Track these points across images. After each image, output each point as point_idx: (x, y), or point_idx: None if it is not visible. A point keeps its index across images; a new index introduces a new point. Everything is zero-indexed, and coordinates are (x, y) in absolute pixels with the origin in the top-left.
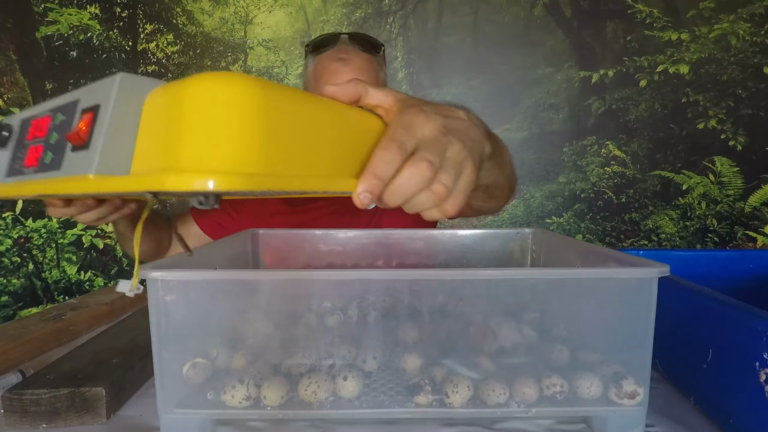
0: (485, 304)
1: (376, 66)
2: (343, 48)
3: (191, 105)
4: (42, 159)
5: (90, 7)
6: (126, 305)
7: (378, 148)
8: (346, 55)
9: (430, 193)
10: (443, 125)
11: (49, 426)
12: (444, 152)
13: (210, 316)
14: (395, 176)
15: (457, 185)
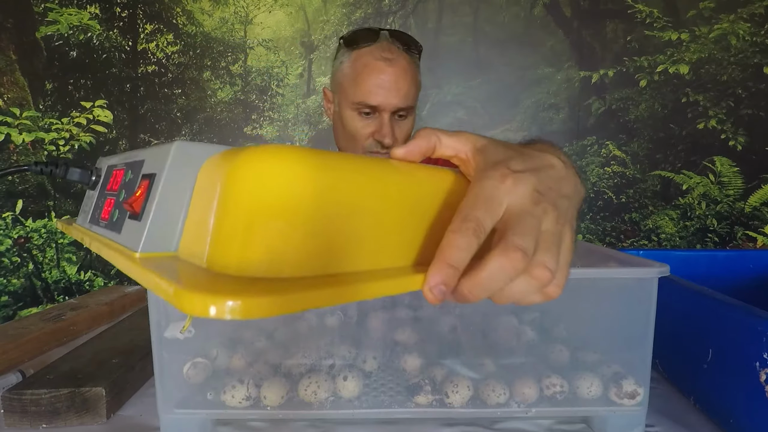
0: (485, 304)
1: (416, 68)
2: (386, 46)
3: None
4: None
5: (90, 7)
6: (126, 305)
7: (451, 229)
8: (390, 54)
9: (529, 279)
10: (535, 189)
11: (49, 426)
12: (539, 227)
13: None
14: (480, 268)
15: (559, 262)
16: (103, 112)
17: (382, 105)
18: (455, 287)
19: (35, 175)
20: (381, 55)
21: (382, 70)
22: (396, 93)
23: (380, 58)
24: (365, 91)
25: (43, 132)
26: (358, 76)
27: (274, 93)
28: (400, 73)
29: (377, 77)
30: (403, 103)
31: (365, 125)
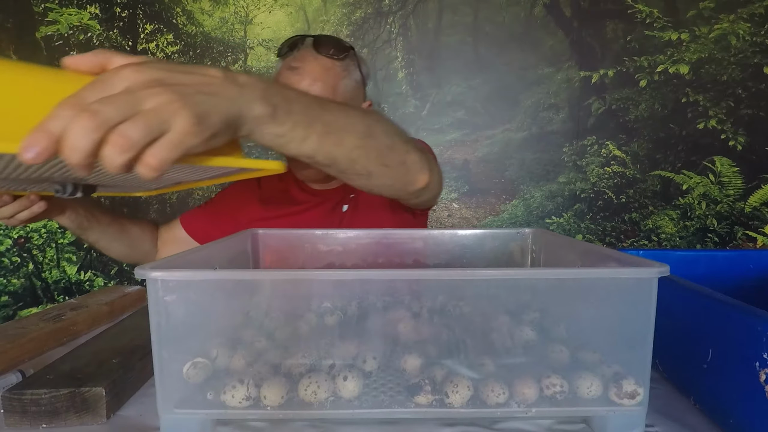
0: (485, 304)
1: (338, 72)
2: (299, 55)
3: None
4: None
5: (90, 7)
6: (126, 305)
7: (57, 104)
8: (300, 63)
9: (110, 145)
10: (155, 78)
11: (49, 426)
12: (137, 104)
13: (210, 316)
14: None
15: (162, 138)
16: None
17: None
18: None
19: None
20: (290, 64)
21: (288, 80)
22: None
23: (288, 68)
24: None
25: None
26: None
27: None
28: (308, 81)
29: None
30: None
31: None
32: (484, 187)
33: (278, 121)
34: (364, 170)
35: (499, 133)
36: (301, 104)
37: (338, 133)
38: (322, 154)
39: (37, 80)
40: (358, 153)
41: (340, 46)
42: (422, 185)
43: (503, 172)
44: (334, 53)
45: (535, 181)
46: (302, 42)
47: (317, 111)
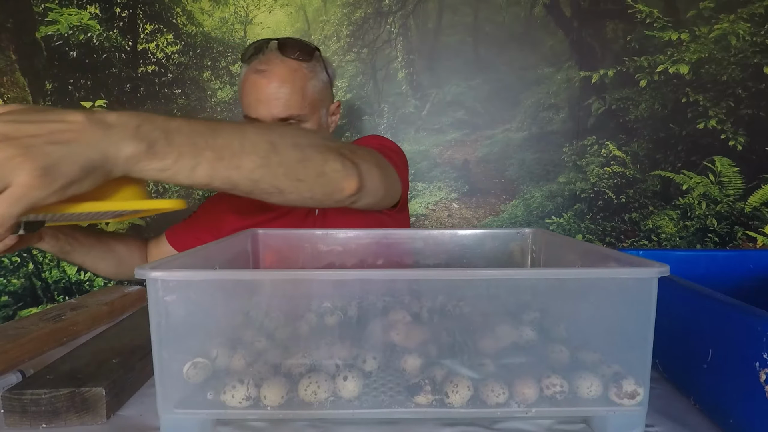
0: (485, 304)
1: (305, 74)
2: (265, 58)
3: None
4: None
5: (90, 7)
6: (126, 305)
7: None
8: (266, 66)
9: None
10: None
11: (49, 426)
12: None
13: (210, 316)
14: None
15: (2, 194)
16: None
17: (262, 117)
18: None
19: None
20: (256, 68)
21: (256, 83)
22: (274, 103)
23: (255, 71)
24: (247, 105)
25: None
26: (241, 91)
27: None
28: (276, 83)
29: (254, 90)
30: (284, 113)
31: None
32: (484, 187)
33: (158, 156)
34: (272, 188)
35: (499, 133)
36: (184, 134)
37: (233, 157)
38: (219, 180)
39: None
40: (261, 173)
41: (305, 48)
42: (351, 192)
43: (503, 172)
44: (299, 55)
45: (535, 181)
46: (267, 45)
47: (206, 137)
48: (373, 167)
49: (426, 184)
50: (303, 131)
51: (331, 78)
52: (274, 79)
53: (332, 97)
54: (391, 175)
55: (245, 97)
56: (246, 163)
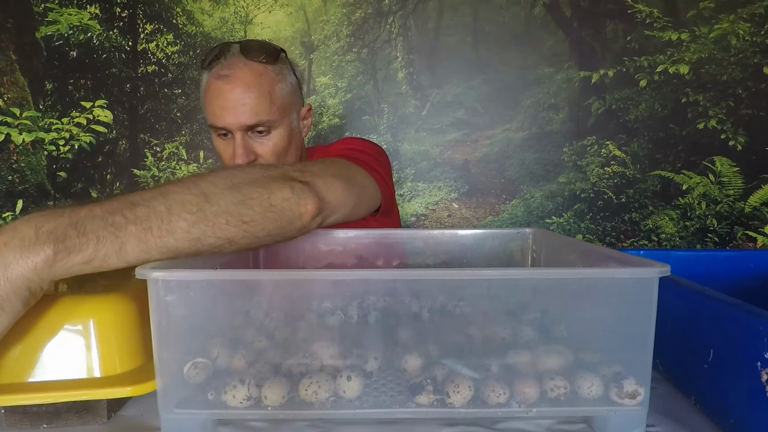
0: (486, 304)
1: (272, 77)
2: (227, 62)
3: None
4: None
5: (90, 7)
6: None
7: None
8: (228, 70)
9: None
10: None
11: (49, 426)
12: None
13: (210, 316)
14: None
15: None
16: (103, 112)
17: (228, 125)
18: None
19: (35, 175)
20: (219, 73)
21: (219, 89)
22: (241, 110)
23: (218, 77)
24: (211, 114)
25: (43, 132)
26: (205, 98)
27: None
28: (241, 89)
29: (218, 98)
30: (252, 120)
31: (225, 147)
32: (484, 187)
33: (75, 250)
34: (220, 241)
35: (499, 133)
36: (97, 217)
37: (162, 223)
38: (156, 251)
39: None
40: (200, 229)
41: (270, 50)
42: (311, 215)
43: (503, 172)
44: (264, 58)
45: (535, 181)
46: (228, 49)
47: (123, 213)
48: (332, 180)
49: (426, 184)
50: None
51: (299, 80)
52: (239, 84)
53: (302, 101)
54: (360, 182)
55: (208, 105)
56: (179, 224)
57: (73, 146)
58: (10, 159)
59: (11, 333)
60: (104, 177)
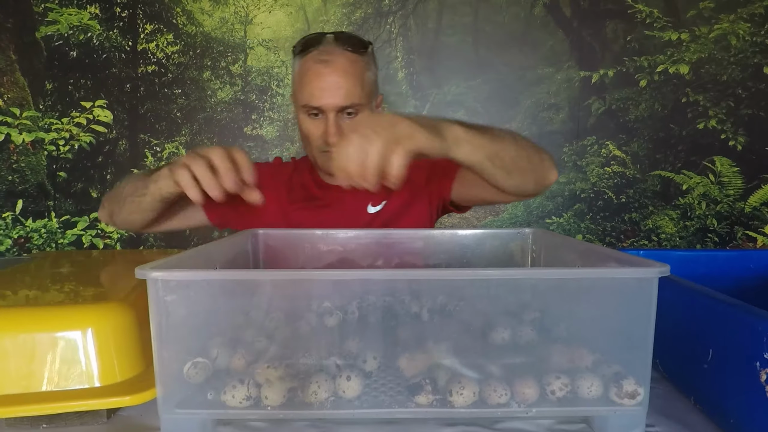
0: (486, 304)
1: (363, 66)
2: (326, 48)
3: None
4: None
5: (90, 7)
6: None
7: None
8: (328, 56)
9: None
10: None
11: (49, 426)
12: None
13: (210, 316)
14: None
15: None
16: (103, 112)
17: (324, 106)
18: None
19: (35, 175)
20: (319, 57)
21: (320, 72)
22: (337, 92)
23: (318, 61)
24: (308, 94)
25: (43, 132)
26: (302, 80)
27: (274, 93)
28: (339, 73)
29: (317, 79)
30: (346, 101)
31: (315, 126)
32: None
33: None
34: (511, 167)
35: None
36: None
37: (494, 137)
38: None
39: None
40: (512, 153)
41: (361, 41)
42: (553, 180)
43: None
44: (357, 48)
45: None
46: (323, 38)
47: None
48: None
49: None
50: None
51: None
52: (338, 68)
53: (378, 90)
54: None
55: (306, 86)
56: (506, 145)
57: (73, 146)
58: (10, 159)
59: (10, 343)
60: (104, 177)
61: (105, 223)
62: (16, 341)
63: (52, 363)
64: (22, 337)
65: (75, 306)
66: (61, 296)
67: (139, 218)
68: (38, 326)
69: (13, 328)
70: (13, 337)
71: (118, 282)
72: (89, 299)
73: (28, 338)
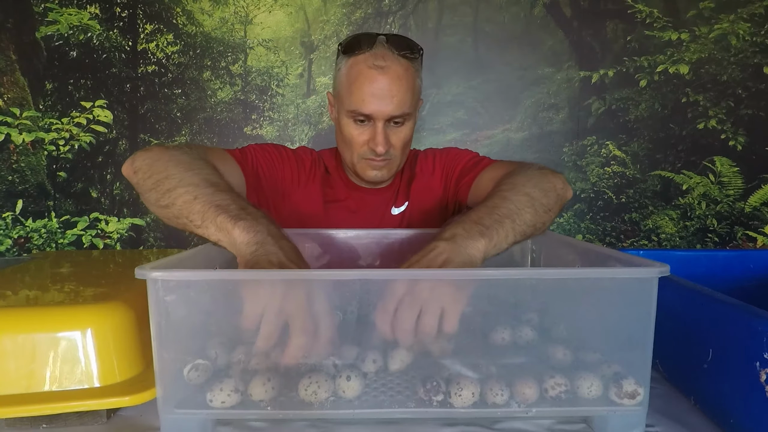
0: (486, 304)
1: (413, 72)
2: (380, 53)
3: None
4: None
5: (90, 7)
6: None
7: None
8: (384, 61)
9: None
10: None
11: (49, 426)
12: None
13: (210, 316)
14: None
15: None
16: (103, 112)
17: (375, 113)
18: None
19: (35, 175)
20: (374, 63)
21: (374, 79)
22: (389, 101)
23: (373, 66)
24: (359, 100)
25: (43, 132)
26: (353, 84)
27: (274, 93)
28: (393, 81)
29: (370, 85)
30: (397, 111)
31: (360, 133)
32: None
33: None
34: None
35: (499, 133)
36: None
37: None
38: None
39: None
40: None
41: (414, 46)
42: (568, 198)
43: None
44: (410, 53)
45: None
46: (376, 39)
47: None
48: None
49: None
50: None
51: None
52: (393, 75)
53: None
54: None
55: (356, 91)
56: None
57: (73, 146)
58: (10, 159)
59: (10, 343)
60: (104, 177)
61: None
62: (16, 341)
63: (52, 363)
64: (22, 337)
65: (75, 306)
66: (61, 296)
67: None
68: (38, 326)
69: (13, 328)
70: (13, 337)
71: (118, 282)
72: (89, 299)
73: (28, 338)
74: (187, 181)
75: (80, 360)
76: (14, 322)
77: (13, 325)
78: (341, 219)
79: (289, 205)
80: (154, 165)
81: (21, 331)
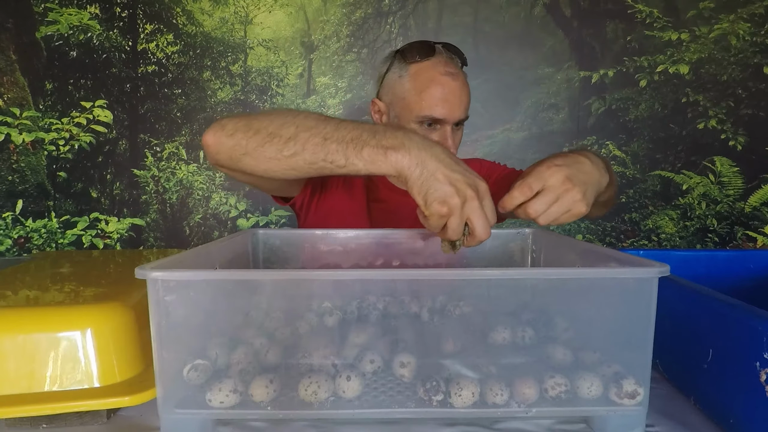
0: (485, 304)
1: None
2: (445, 60)
3: None
4: None
5: (90, 7)
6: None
7: (514, 187)
8: (453, 68)
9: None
10: (566, 176)
11: (49, 426)
12: (561, 196)
13: (210, 316)
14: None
15: (563, 216)
16: (103, 112)
17: (447, 118)
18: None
19: (35, 175)
20: (445, 69)
21: (446, 84)
22: (459, 105)
23: (445, 73)
24: (431, 105)
25: (43, 132)
26: (424, 90)
27: (274, 93)
28: (462, 87)
29: (443, 91)
30: (463, 115)
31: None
32: None
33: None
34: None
35: (499, 133)
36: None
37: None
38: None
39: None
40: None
41: (463, 55)
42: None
43: None
44: (464, 61)
45: None
46: (435, 47)
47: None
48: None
49: None
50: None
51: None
52: (461, 81)
53: None
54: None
55: (428, 97)
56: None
57: (73, 146)
58: (10, 159)
59: (10, 343)
60: (104, 177)
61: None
62: (16, 341)
63: (52, 363)
64: (22, 337)
65: (75, 306)
66: (61, 296)
67: (290, 164)
68: (38, 326)
69: (13, 328)
70: (13, 337)
71: (118, 282)
72: (89, 299)
73: (28, 338)
74: (305, 125)
75: (80, 360)
76: (14, 322)
77: (13, 325)
78: (382, 220)
79: (330, 200)
80: (252, 122)
81: (21, 331)
